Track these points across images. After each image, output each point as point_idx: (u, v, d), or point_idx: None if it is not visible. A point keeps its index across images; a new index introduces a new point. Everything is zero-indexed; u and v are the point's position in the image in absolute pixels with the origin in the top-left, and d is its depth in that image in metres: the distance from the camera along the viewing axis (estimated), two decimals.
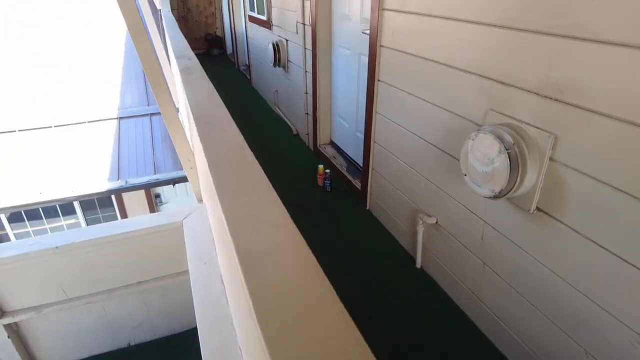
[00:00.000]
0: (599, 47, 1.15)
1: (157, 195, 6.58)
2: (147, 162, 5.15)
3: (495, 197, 1.44)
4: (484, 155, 1.43)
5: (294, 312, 0.65)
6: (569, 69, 1.24)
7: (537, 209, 1.43)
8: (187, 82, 2.09)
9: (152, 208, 6.41)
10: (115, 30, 6.71)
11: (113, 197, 5.92)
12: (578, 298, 1.35)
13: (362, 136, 2.94)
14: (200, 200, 3.05)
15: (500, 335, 1.74)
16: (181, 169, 5.33)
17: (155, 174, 5.01)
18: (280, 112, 4.59)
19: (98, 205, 6.06)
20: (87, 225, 6.17)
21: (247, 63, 6.24)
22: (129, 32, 2.26)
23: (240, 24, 6.41)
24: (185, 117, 2.76)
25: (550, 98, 1.31)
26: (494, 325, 1.77)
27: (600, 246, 1.25)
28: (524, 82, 1.40)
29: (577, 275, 1.34)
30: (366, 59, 2.69)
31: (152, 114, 5.84)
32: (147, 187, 5.02)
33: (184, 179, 5.29)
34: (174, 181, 5.25)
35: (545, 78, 1.32)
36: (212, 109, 1.70)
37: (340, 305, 0.67)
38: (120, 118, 5.66)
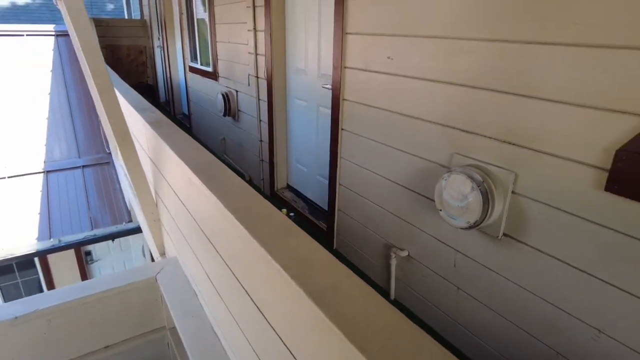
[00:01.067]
0: (544, 103, 1.47)
1: (88, 253, 6.03)
2: (83, 218, 4.78)
3: (470, 227, 1.68)
4: (458, 192, 1.68)
5: (385, 337, 0.76)
6: (522, 119, 1.55)
7: (504, 234, 1.69)
8: (165, 135, 2.11)
9: (82, 267, 5.85)
10: (38, 80, 6.31)
11: (36, 258, 5.32)
12: (546, 307, 1.60)
13: (323, 179, 3.12)
14: (162, 254, 2.94)
15: (479, 351, 1.93)
16: (120, 222, 5.02)
17: (92, 229, 4.67)
18: (229, 159, 4.63)
19: (17, 269, 5.39)
20: (2, 296, 5.42)
21: (187, 112, 6.23)
22: (95, 87, 2.25)
23: (177, 74, 6.44)
24: (149, 168, 2.72)
25: (508, 142, 1.61)
26: (472, 343, 1.96)
27: (560, 260, 1.52)
28: (484, 129, 1.69)
29: (544, 287, 1.59)
30: (325, 110, 2.93)
31: (84, 166, 5.49)
32: (84, 244, 4.64)
33: (124, 234, 4.98)
34: (112, 236, 4.92)
35: (503, 126, 1.62)
36: (204, 158, 1.76)
37: (417, 328, 0.79)
38: (48, 172, 5.24)
